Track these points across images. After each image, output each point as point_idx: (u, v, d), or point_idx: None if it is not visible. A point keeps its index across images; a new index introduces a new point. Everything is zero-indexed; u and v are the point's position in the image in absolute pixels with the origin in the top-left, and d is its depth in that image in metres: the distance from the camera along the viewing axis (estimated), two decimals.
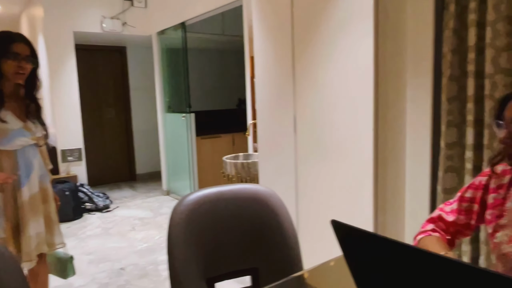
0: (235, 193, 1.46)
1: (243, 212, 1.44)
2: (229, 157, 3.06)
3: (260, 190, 1.48)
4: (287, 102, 2.36)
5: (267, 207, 1.46)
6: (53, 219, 2.03)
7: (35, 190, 1.92)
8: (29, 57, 1.84)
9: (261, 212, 1.45)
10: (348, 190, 2.05)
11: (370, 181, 1.94)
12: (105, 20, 4.73)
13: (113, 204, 4.82)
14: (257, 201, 1.46)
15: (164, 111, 5.16)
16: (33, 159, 1.91)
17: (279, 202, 1.48)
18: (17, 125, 1.84)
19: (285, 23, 2.31)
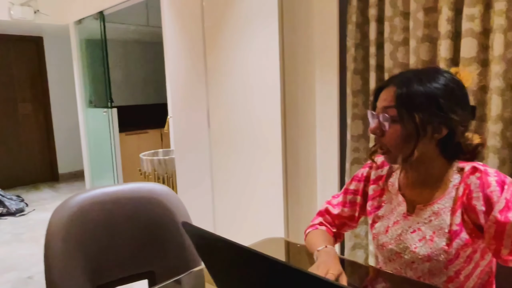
0: (126, 193, 1.36)
1: (136, 212, 1.35)
2: (147, 153, 2.93)
3: (155, 188, 1.40)
4: (200, 96, 2.29)
5: (163, 206, 1.38)
6: None
7: None
8: None
9: (157, 212, 1.37)
10: (261, 184, 2.03)
11: (279, 175, 1.93)
12: (13, 6, 4.32)
13: (29, 207, 4.45)
14: (151, 201, 1.38)
15: (85, 106, 4.85)
16: None
17: (175, 201, 1.40)
18: None
19: (195, 15, 2.22)
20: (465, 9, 1.50)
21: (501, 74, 1.44)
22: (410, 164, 0.93)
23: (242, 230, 2.19)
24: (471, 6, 1.48)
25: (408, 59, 1.72)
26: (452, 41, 1.56)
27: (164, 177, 2.70)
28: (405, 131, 0.87)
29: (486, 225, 0.83)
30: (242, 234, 2.18)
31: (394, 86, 0.90)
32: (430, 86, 0.86)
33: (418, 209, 0.94)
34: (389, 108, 0.89)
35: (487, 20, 1.48)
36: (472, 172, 0.87)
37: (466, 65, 1.51)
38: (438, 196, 0.91)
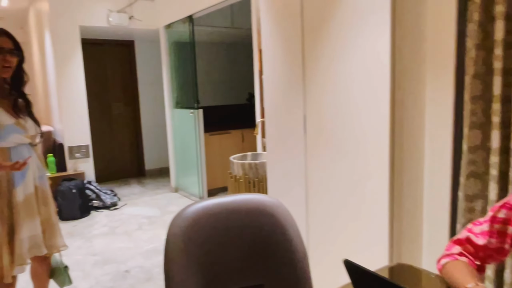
0: (238, 205, 1.34)
1: (247, 225, 1.32)
2: (236, 157, 2.94)
3: (265, 201, 1.36)
4: (296, 100, 2.23)
5: (274, 219, 1.34)
6: (53, 221, 1.99)
7: (30, 190, 1.86)
8: (13, 50, 1.80)
9: (267, 224, 1.33)
10: (362, 196, 1.92)
11: (385, 187, 1.80)
12: (111, 14, 4.63)
13: (121, 201, 4.76)
14: (263, 213, 1.34)
15: (172, 107, 5.06)
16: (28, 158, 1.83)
17: (286, 214, 1.36)
18: (8, 120, 1.79)
19: (294, 16, 2.17)
20: None
21: None
22: None
23: (338, 244, 2.09)
24: None
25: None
26: None
27: (254, 181, 2.69)
28: None
29: None
30: (337, 248, 2.08)
31: None
32: None
33: None
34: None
35: None
36: None
37: None
38: None
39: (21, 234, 1.81)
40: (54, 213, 2.02)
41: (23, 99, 1.91)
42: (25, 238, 1.83)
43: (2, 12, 6.12)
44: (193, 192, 4.83)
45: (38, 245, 1.89)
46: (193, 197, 4.81)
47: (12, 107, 1.84)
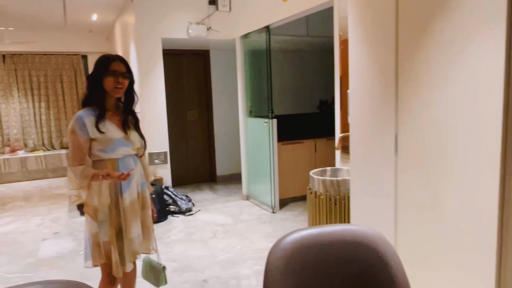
0: (338, 236, 1.28)
1: (347, 258, 1.26)
2: (316, 172, 2.87)
3: (367, 233, 1.29)
4: (387, 118, 2.11)
5: (376, 253, 1.25)
6: (148, 225, 2.21)
7: (135, 196, 2.09)
8: (125, 74, 2.01)
9: (369, 259, 1.25)
10: (463, 232, 1.75)
11: (494, 223, 1.62)
12: (191, 26, 4.80)
13: (195, 207, 4.90)
14: (364, 246, 1.26)
15: (245, 115, 5.11)
16: (133, 167, 2.07)
17: (389, 248, 1.27)
18: (118, 135, 2.01)
19: (387, 29, 2.05)
20: None
21: None
22: None
23: (432, 280, 1.93)
24: None
25: None
26: None
27: (336, 199, 2.60)
28: None
29: None
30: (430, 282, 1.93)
31: None
32: None
33: None
34: None
35: None
36: None
37: None
38: None
39: (130, 234, 2.04)
40: (150, 218, 2.22)
41: (132, 116, 2.13)
42: (134, 237, 2.07)
43: (92, 25, 6.65)
44: (264, 201, 4.83)
45: (141, 244, 2.13)
46: (264, 206, 4.81)
47: (122, 123, 2.06)
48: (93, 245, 2.04)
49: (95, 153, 1.97)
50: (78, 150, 1.93)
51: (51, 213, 4.97)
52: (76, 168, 1.93)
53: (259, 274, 3.03)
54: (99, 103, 1.99)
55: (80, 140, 1.92)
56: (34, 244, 3.90)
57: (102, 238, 2.00)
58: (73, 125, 1.94)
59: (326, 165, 4.32)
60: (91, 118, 1.95)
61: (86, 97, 2.03)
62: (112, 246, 2.01)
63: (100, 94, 1.99)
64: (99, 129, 1.94)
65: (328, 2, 3.31)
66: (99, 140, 1.95)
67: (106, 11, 5.67)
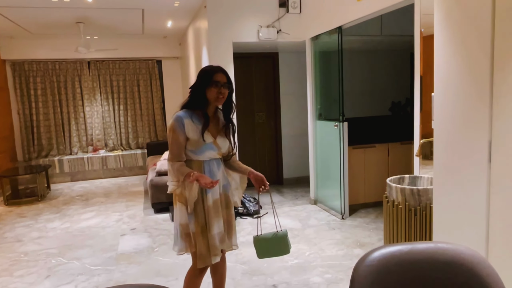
0: (429, 255, 1.17)
1: (440, 280, 1.15)
2: (393, 179, 2.71)
3: (463, 253, 1.16)
4: (478, 123, 1.92)
5: (475, 277, 1.13)
6: (231, 223, 2.32)
7: (217, 196, 2.21)
8: (226, 84, 2.13)
9: (466, 283, 1.13)
10: None
11: None
12: (261, 29, 4.82)
13: (263, 209, 4.91)
14: (461, 268, 1.15)
15: (315, 118, 5.03)
16: (217, 171, 2.20)
17: (491, 273, 1.14)
18: (208, 139, 2.15)
19: (480, 24, 1.87)
20: None
21: None
22: None
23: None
24: None
25: None
26: None
27: (416, 210, 2.44)
28: None
29: None
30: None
31: None
32: None
33: None
34: None
35: None
36: None
37: None
38: None
39: (213, 230, 2.16)
40: (234, 216, 2.35)
41: (231, 124, 2.25)
42: (215, 233, 2.18)
43: (167, 32, 6.97)
44: (333, 206, 4.70)
45: (223, 241, 2.23)
46: (332, 211, 4.69)
47: (216, 129, 2.20)
48: (182, 234, 2.19)
49: (186, 152, 2.14)
50: (176, 147, 2.10)
51: (129, 209, 5.28)
52: (174, 163, 2.10)
53: (330, 283, 2.94)
54: (202, 112, 2.14)
55: (179, 138, 2.09)
56: (114, 238, 4.16)
57: (192, 229, 2.15)
58: (173, 124, 2.11)
59: (400, 172, 4.09)
60: (189, 120, 2.11)
61: (187, 102, 2.17)
62: (198, 239, 2.16)
63: (203, 102, 2.13)
64: (204, 137, 2.11)
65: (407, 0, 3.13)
66: (192, 142, 2.11)
67: (180, 18, 5.90)
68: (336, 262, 3.31)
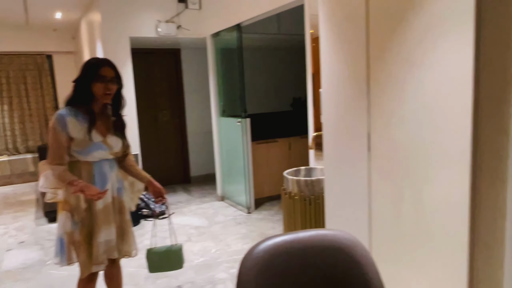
0: (311, 242, 1.23)
1: (322, 264, 1.21)
2: (290, 172, 2.84)
3: (339, 237, 1.25)
4: (359, 116, 2.09)
5: (350, 258, 1.22)
6: (126, 229, 2.19)
7: (108, 200, 2.05)
8: (114, 79, 1.99)
9: (344, 265, 1.22)
10: (436, 229, 1.75)
11: (465, 218, 1.63)
12: (160, 24, 4.67)
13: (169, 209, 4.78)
14: (337, 251, 1.22)
15: (218, 115, 5.04)
16: (109, 172, 2.05)
17: (364, 252, 1.23)
18: (97, 139, 1.99)
19: (358, 25, 2.03)
20: None
21: None
22: None
23: (407, 274, 1.93)
24: None
25: None
26: None
27: (310, 199, 2.57)
28: None
29: None
30: (406, 279, 1.92)
31: None
32: None
33: None
34: None
35: None
36: None
37: None
38: None
39: (99, 238, 2.02)
40: (129, 222, 2.20)
41: (119, 120, 2.11)
42: (102, 241, 2.03)
43: (57, 24, 6.39)
44: (239, 201, 4.77)
45: (112, 249, 2.08)
46: (239, 206, 4.76)
47: (106, 127, 2.05)
48: (69, 243, 2.03)
49: (72, 153, 1.97)
50: (57, 148, 1.93)
51: (17, 221, 4.74)
52: (54, 167, 1.93)
53: (235, 278, 2.97)
54: (88, 109, 1.98)
55: (60, 138, 1.92)
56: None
57: (76, 237, 2.01)
58: (53, 123, 1.94)
59: (302, 164, 4.30)
60: (72, 118, 1.94)
61: (71, 98, 2.00)
62: (81, 247, 2.01)
63: (88, 98, 1.97)
64: (91, 137, 1.95)
65: (298, 0, 3.28)
66: (77, 141, 1.94)
67: (70, 9, 5.45)
68: (241, 257, 3.33)
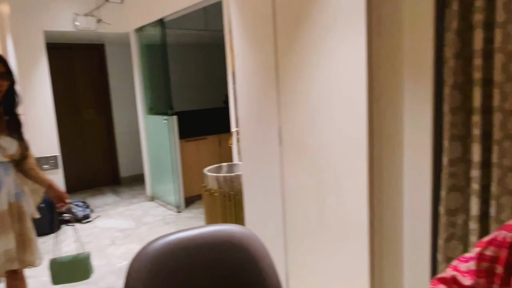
0: (205, 238, 1.22)
1: (216, 260, 1.21)
2: (211, 169, 2.82)
3: (235, 232, 1.25)
4: (271, 110, 2.13)
5: (245, 252, 1.23)
6: (28, 237, 2.03)
7: (4, 207, 1.91)
8: (4, 74, 1.85)
9: (238, 258, 1.22)
10: (340, 212, 1.83)
11: (364, 202, 1.72)
12: (78, 17, 4.41)
13: (94, 213, 4.56)
14: (233, 246, 1.23)
15: (145, 113, 4.88)
16: (3, 176, 1.91)
17: (259, 245, 1.25)
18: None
19: (266, 24, 2.06)
20: None
21: None
22: None
23: (318, 260, 2.00)
24: None
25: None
26: None
27: (230, 195, 2.57)
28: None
29: None
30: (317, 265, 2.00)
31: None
32: None
33: None
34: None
35: None
36: None
37: None
38: None
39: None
40: (30, 229, 2.05)
41: (13, 119, 1.96)
42: (0, 252, 1.89)
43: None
44: (169, 201, 4.67)
45: (11, 260, 1.93)
46: (169, 206, 4.66)
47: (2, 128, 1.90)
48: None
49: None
50: None
51: None
52: None
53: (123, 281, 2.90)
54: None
55: None
56: None
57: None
58: None
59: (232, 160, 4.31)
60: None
61: None
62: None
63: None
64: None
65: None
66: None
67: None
68: None
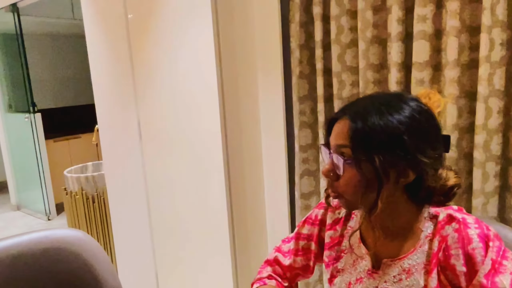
0: (30, 247, 1.08)
1: (45, 271, 1.08)
2: (74, 169, 2.58)
3: (67, 236, 1.13)
4: (129, 106, 2.01)
5: (79, 259, 1.12)
6: None
7: None
8: None
9: (72, 267, 1.11)
10: (201, 199, 1.82)
11: (223, 193, 1.72)
12: None
13: None
14: (65, 253, 1.11)
15: (3, 111, 4.30)
16: None
17: (94, 250, 1.15)
18: None
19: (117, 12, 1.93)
20: (417, 9, 1.36)
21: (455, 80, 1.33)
22: None
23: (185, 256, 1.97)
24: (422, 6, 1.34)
25: (357, 62, 1.58)
26: (404, 43, 1.43)
27: (93, 197, 2.39)
28: (364, 177, 0.70)
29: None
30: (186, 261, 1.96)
31: (348, 118, 0.72)
32: (392, 119, 0.69)
33: (384, 264, 0.77)
34: (343, 147, 0.72)
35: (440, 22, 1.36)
36: (448, 222, 0.72)
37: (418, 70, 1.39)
38: (408, 249, 0.75)
39: None
40: None
41: None
42: None
43: None
44: (38, 209, 4.20)
45: None
46: (39, 214, 4.19)
47: None
48: None
49: None
50: None
51: None
52: None
53: None
54: None
55: None
56: None
57: None
58: None
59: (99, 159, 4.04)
60: None
61: None
62: None
63: None
64: None
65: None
66: None
67: None
68: None
